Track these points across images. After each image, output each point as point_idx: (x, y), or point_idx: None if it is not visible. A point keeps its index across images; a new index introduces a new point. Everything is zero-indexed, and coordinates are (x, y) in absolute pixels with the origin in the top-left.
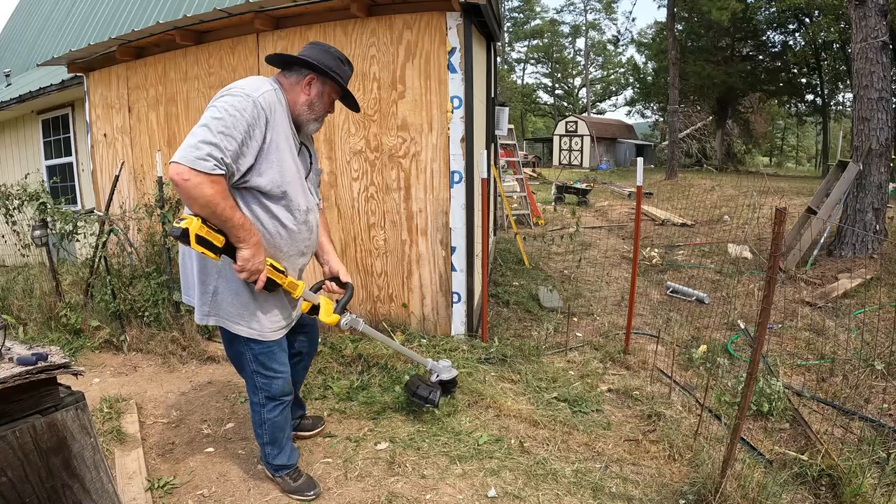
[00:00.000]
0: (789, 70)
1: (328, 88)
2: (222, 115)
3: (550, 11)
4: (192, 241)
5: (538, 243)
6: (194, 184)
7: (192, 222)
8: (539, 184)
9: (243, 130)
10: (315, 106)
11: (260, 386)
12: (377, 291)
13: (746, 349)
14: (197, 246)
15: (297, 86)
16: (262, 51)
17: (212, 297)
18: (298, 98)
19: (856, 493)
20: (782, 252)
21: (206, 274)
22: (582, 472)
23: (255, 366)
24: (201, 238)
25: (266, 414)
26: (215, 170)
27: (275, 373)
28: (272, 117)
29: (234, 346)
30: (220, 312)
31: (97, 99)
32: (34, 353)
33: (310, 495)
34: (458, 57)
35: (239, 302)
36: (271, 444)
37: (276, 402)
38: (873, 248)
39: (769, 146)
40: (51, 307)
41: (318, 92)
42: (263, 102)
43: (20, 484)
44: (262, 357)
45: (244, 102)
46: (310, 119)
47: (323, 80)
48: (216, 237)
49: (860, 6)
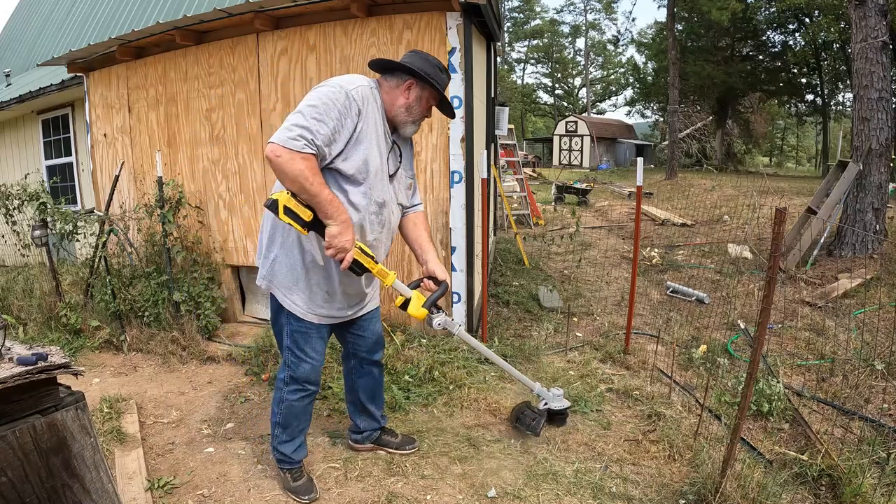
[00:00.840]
0: (789, 70)
1: (426, 94)
2: (316, 103)
3: (550, 11)
4: (280, 211)
5: (538, 243)
6: (285, 159)
7: (282, 195)
8: (539, 184)
9: (335, 118)
10: (413, 109)
11: (288, 363)
12: None
13: (746, 349)
14: (284, 217)
15: (397, 89)
16: (261, 51)
17: (271, 263)
18: (397, 101)
19: (856, 493)
20: (782, 252)
21: (272, 242)
22: (582, 472)
23: (289, 341)
24: (289, 210)
25: (286, 394)
26: (305, 149)
27: (305, 355)
28: (364, 109)
29: (279, 316)
30: (273, 280)
31: (97, 99)
32: (34, 353)
33: (304, 499)
34: (458, 57)
35: (291, 276)
36: (282, 427)
37: (297, 386)
38: (873, 248)
39: (769, 146)
40: (51, 307)
41: (416, 96)
42: (356, 95)
43: (20, 484)
44: (297, 335)
45: (337, 93)
46: (407, 121)
47: (422, 85)
48: (304, 211)
49: (860, 6)
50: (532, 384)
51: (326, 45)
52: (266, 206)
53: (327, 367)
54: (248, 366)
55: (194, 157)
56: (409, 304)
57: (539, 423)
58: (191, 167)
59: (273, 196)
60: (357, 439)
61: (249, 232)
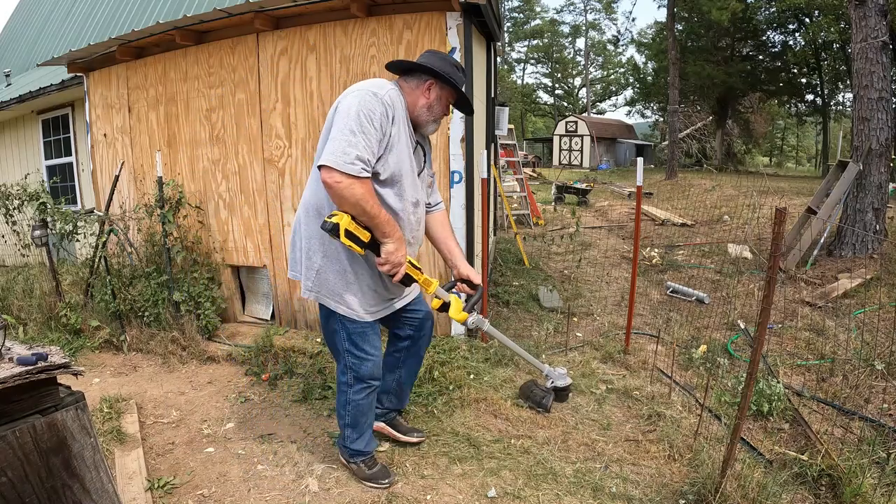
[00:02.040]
0: (789, 70)
1: (446, 93)
2: (362, 121)
3: (550, 11)
4: (341, 235)
5: (538, 243)
6: (345, 185)
7: (342, 218)
8: (539, 184)
9: (378, 129)
10: (434, 109)
11: (350, 366)
12: None
13: (746, 349)
14: (345, 240)
15: (418, 90)
16: (261, 51)
17: (316, 274)
18: (418, 101)
19: (856, 493)
20: (782, 252)
21: (311, 253)
22: (582, 472)
23: (347, 345)
24: (350, 233)
25: (352, 395)
26: (362, 173)
27: (366, 354)
28: (396, 114)
29: (330, 323)
30: (321, 290)
31: (97, 99)
32: (34, 353)
33: (384, 483)
34: (458, 57)
35: (342, 282)
36: (352, 427)
37: (363, 385)
38: (873, 248)
39: (769, 146)
40: (51, 307)
41: (437, 96)
42: (388, 100)
43: (20, 484)
44: (355, 337)
45: (375, 103)
46: (428, 120)
47: (442, 85)
48: (363, 233)
49: (860, 6)
50: (542, 366)
51: (326, 45)
52: (326, 230)
53: (326, 366)
54: (248, 366)
55: (194, 157)
56: (450, 307)
57: (549, 399)
58: (191, 167)
59: (332, 220)
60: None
61: (249, 232)
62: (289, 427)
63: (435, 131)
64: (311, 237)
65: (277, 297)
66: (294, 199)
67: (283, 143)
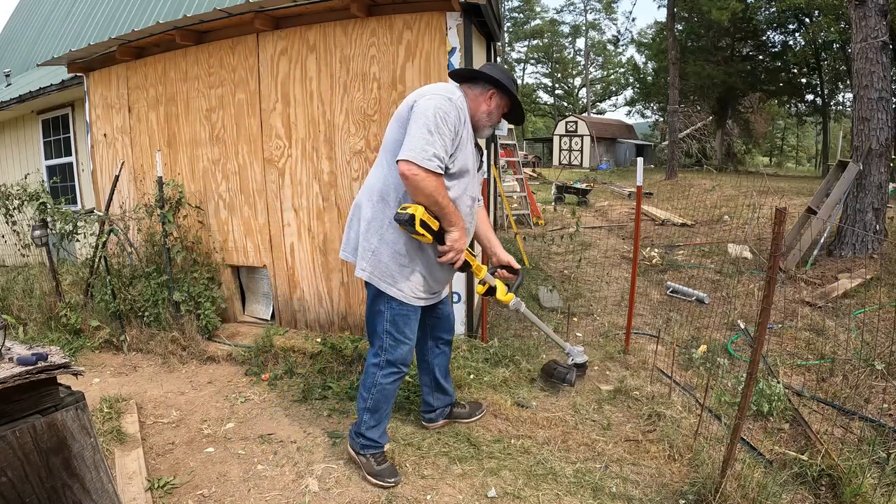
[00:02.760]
0: (789, 70)
1: (504, 102)
2: (438, 122)
3: (550, 11)
4: (416, 224)
5: (538, 243)
6: (422, 178)
7: (418, 209)
8: (539, 184)
9: (452, 129)
10: (493, 115)
11: (385, 347)
12: None
13: (746, 349)
14: (420, 228)
15: (480, 97)
16: (261, 51)
17: (372, 255)
18: (480, 107)
19: (856, 493)
20: (782, 252)
21: (369, 235)
22: (582, 472)
23: (388, 325)
24: (424, 223)
25: (380, 377)
26: (438, 169)
27: (405, 337)
28: (466, 116)
29: (376, 303)
30: (375, 270)
31: (97, 99)
32: (34, 353)
33: (390, 482)
34: (458, 57)
35: (396, 264)
36: (371, 412)
37: (393, 369)
38: (873, 248)
39: (769, 146)
40: (51, 307)
41: (497, 104)
42: (460, 104)
43: (20, 484)
44: (398, 318)
45: (449, 107)
46: (486, 125)
47: (502, 94)
48: (434, 222)
49: (860, 6)
50: (565, 344)
51: (326, 45)
52: (401, 221)
53: (326, 366)
54: (248, 366)
55: (194, 157)
56: (496, 291)
57: (572, 374)
58: (191, 167)
59: (408, 211)
60: (431, 418)
61: (249, 232)
62: (289, 427)
63: (490, 135)
64: (371, 220)
65: (277, 297)
66: (294, 199)
67: (283, 143)
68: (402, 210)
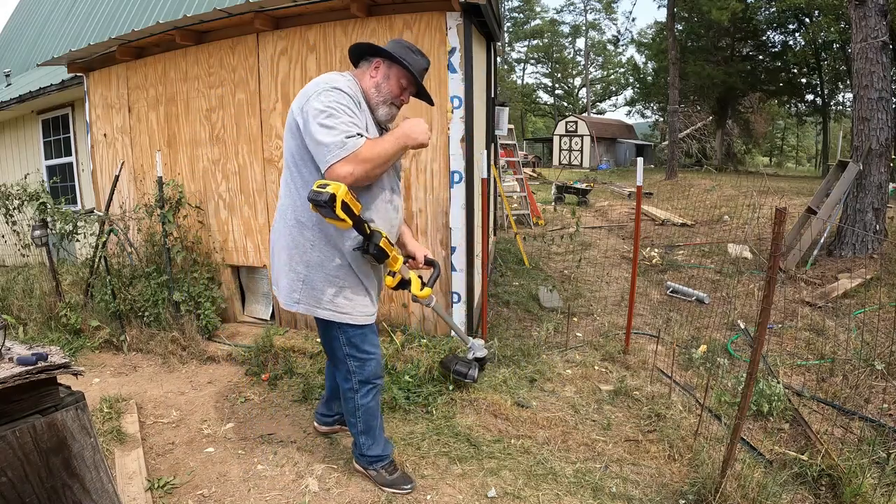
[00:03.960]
0: (789, 70)
1: (394, 71)
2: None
3: (550, 11)
4: (337, 208)
5: (538, 243)
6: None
7: (339, 188)
8: (539, 184)
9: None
10: (381, 88)
11: (353, 370)
12: None
13: (746, 349)
14: (341, 213)
15: (366, 72)
16: (261, 51)
17: (303, 284)
18: (367, 82)
19: (856, 493)
20: (782, 252)
21: (293, 264)
22: (582, 472)
23: (348, 349)
24: (347, 206)
25: (359, 399)
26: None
27: (367, 354)
28: (360, 98)
29: (328, 331)
30: (311, 300)
31: (97, 99)
32: (34, 353)
33: (406, 489)
34: (457, 57)
35: (333, 287)
36: (365, 434)
37: (369, 386)
38: (873, 248)
39: (769, 146)
40: (51, 307)
41: (384, 74)
42: (348, 89)
43: (20, 484)
44: (355, 339)
45: (335, 94)
46: (378, 102)
47: (389, 63)
48: (356, 205)
49: (860, 6)
50: (467, 338)
51: (326, 45)
52: (317, 202)
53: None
54: (248, 366)
55: (194, 157)
56: (410, 284)
57: (475, 370)
58: (191, 167)
59: (328, 189)
60: (327, 421)
61: (249, 232)
62: (289, 427)
63: (387, 117)
64: (292, 247)
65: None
66: None
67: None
68: (318, 188)
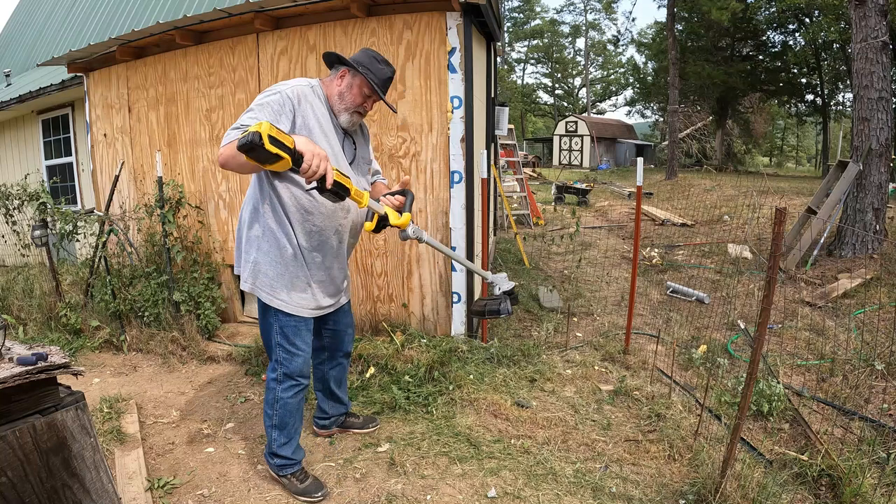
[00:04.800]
0: (789, 70)
1: (357, 81)
2: (252, 108)
3: (550, 11)
4: (265, 142)
5: (538, 243)
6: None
7: (262, 125)
8: (539, 184)
9: (270, 113)
10: (345, 97)
11: (280, 360)
12: (377, 291)
13: (746, 349)
14: (272, 147)
15: (333, 80)
16: (261, 51)
17: (252, 265)
18: (332, 90)
19: (856, 493)
20: (782, 252)
21: (249, 245)
22: (582, 472)
23: (279, 338)
24: (275, 139)
25: (280, 392)
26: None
27: (297, 349)
28: (299, 106)
29: (266, 315)
30: (257, 281)
31: (97, 99)
32: (34, 353)
33: (318, 496)
34: (458, 57)
35: (277, 274)
36: (279, 429)
37: (292, 382)
38: (873, 248)
39: (769, 146)
40: (51, 307)
41: (347, 83)
42: (290, 93)
43: (20, 484)
44: (288, 330)
45: (271, 95)
46: (341, 109)
47: (353, 73)
48: (288, 138)
49: (860, 6)
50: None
51: (326, 45)
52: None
53: None
54: (248, 366)
55: (194, 157)
56: (388, 217)
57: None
58: (191, 167)
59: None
60: (324, 424)
61: None
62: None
63: (350, 123)
64: (249, 227)
65: None
66: None
67: None
68: (243, 135)
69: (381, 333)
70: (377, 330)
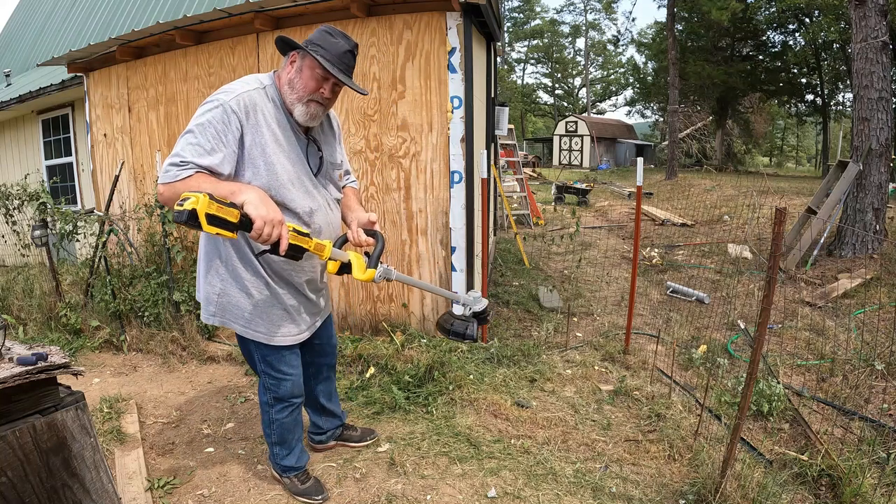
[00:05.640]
0: (789, 70)
1: (308, 62)
2: (192, 128)
3: (550, 11)
4: (203, 223)
5: (538, 243)
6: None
7: (199, 200)
8: (539, 184)
9: (212, 137)
10: (294, 83)
11: (268, 386)
12: (377, 291)
13: (746, 349)
14: (210, 227)
15: (284, 69)
16: (262, 51)
17: (218, 297)
18: (282, 80)
19: (856, 493)
20: (782, 252)
21: (211, 275)
22: (582, 472)
23: (263, 366)
24: (213, 217)
25: (274, 414)
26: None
27: (283, 375)
28: (247, 120)
29: (245, 345)
30: (226, 315)
31: (97, 99)
32: (34, 353)
33: (317, 499)
34: (458, 57)
35: (249, 303)
36: (280, 445)
37: (284, 404)
38: (873, 248)
39: (769, 146)
40: (51, 307)
41: (297, 68)
42: (235, 105)
43: (20, 484)
44: (270, 359)
45: (212, 110)
46: (292, 101)
47: (303, 54)
48: (230, 212)
49: (860, 6)
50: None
51: None
52: (181, 222)
53: None
54: (247, 366)
55: None
56: (351, 267)
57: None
58: None
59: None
60: (320, 440)
61: None
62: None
63: (306, 116)
64: (209, 259)
65: None
66: None
67: None
68: (178, 207)
69: (382, 333)
70: (377, 330)
